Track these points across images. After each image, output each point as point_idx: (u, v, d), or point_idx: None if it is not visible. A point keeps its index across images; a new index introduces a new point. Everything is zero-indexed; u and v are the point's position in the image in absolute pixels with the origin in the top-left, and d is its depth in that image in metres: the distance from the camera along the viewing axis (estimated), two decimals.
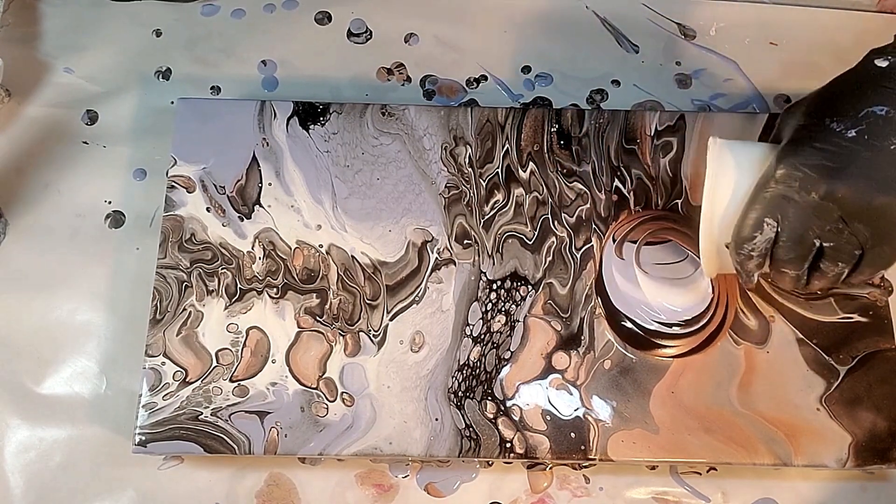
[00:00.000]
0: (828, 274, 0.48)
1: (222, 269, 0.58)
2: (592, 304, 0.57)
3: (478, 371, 0.56)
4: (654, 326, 0.57)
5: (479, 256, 0.58)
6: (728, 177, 0.49)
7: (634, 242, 0.59)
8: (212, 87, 0.67)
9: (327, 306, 0.57)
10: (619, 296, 0.58)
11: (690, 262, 0.58)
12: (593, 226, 0.59)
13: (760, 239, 0.48)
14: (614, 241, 0.59)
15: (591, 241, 0.59)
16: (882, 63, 0.45)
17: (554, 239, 0.59)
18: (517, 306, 0.57)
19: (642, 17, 0.70)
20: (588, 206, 0.60)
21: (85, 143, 0.65)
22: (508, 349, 0.56)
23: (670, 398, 0.55)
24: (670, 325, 0.57)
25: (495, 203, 0.60)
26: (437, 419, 0.55)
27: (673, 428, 0.54)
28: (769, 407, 0.55)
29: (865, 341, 0.57)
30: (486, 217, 0.60)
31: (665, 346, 0.56)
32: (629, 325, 0.57)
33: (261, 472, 0.57)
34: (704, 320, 0.57)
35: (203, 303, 0.57)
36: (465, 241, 0.59)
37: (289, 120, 0.62)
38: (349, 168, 0.61)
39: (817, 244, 0.46)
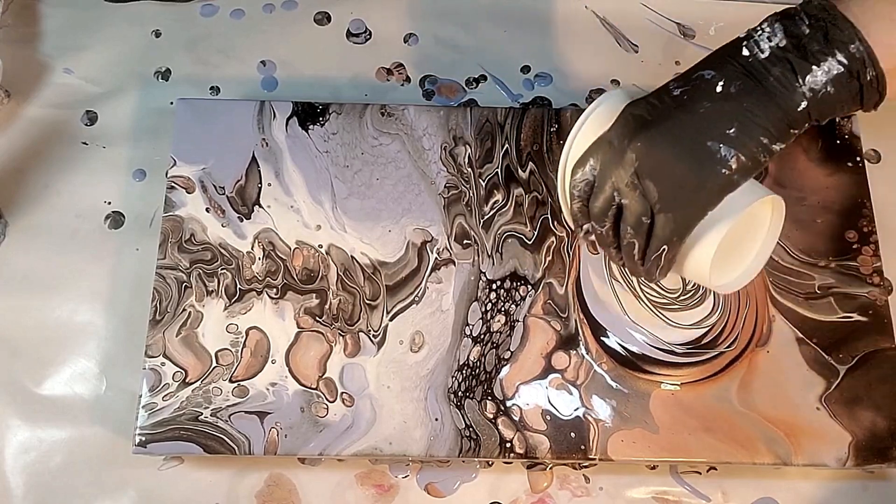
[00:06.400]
0: (626, 242, 0.47)
1: (222, 269, 0.58)
2: (576, 310, 0.57)
3: (478, 371, 0.56)
4: (641, 350, 0.56)
5: (478, 256, 0.58)
6: (596, 122, 0.49)
7: None
8: (211, 88, 0.67)
9: (327, 306, 0.57)
10: (598, 307, 0.57)
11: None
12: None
13: (580, 178, 0.48)
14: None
15: None
16: (742, 34, 0.46)
17: (553, 239, 0.59)
18: (517, 306, 0.57)
19: (642, 16, 0.70)
20: None
21: (84, 143, 0.65)
22: (508, 349, 0.56)
23: (670, 398, 0.55)
24: (667, 351, 0.56)
25: (495, 203, 0.60)
26: (437, 419, 0.55)
27: (673, 427, 0.54)
28: (769, 406, 0.55)
29: (865, 340, 0.56)
30: (486, 217, 0.60)
31: (659, 374, 0.56)
32: (614, 345, 0.56)
33: (261, 473, 0.57)
34: (719, 348, 0.56)
35: (203, 303, 0.57)
36: (465, 241, 0.59)
37: (288, 120, 0.62)
38: (349, 168, 0.61)
39: (616, 199, 0.47)
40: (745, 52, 0.45)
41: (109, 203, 0.63)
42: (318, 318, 0.57)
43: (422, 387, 0.55)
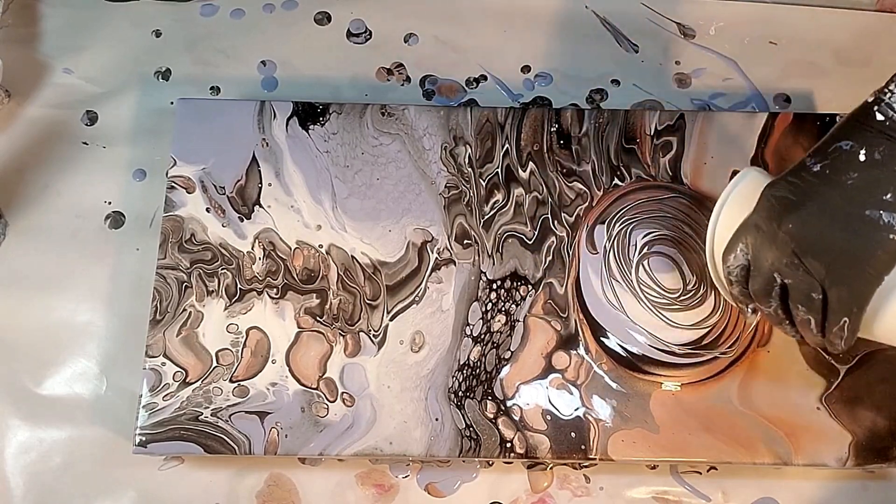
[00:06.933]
0: (799, 319, 0.46)
1: (222, 269, 0.58)
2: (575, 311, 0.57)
3: (478, 371, 0.56)
4: (641, 350, 0.56)
5: (479, 256, 0.58)
6: (737, 203, 0.50)
7: (604, 223, 0.59)
8: (211, 88, 0.67)
9: (327, 306, 0.57)
10: (598, 307, 0.57)
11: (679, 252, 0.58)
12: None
13: (734, 263, 0.48)
14: (587, 228, 0.59)
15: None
16: (870, 98, 0.44)
17: (554, 238, 0.59)
18: (517, 306, 0.57)
19: (642, 16, 0.70)
20: (588, 205, 0.60)
21: (85, 143, 0.65)
22: (508, 349, 0.56)
23: (670, 397, 0.55)
24: (666, 352, 0.56)
25: (495, 203, 0.60)
26: (437, 419, 0.55)
27: (673, 427, 0.54)
28: (769, 406, 0.55)
29: (865, 340, 0.56)
30: (486, 217, 0.60)
31: (659, 375, 0.56)
32: (614, 346, 0.56)
33: (261, 473, 0.57)
34: (720, 349, 0.56)
35: (203, 303, 0.57)
36: (465, 241, 0.59)
37: (288, 120, 0.62)
38: (349, 168, 0.61)
39: (778, 279, 0.46)
40: (880, 117, 0.43)
41: (109, 203, 0.63)
42: (318, 318, 0.57)
43: (422, 387, 0.55)
